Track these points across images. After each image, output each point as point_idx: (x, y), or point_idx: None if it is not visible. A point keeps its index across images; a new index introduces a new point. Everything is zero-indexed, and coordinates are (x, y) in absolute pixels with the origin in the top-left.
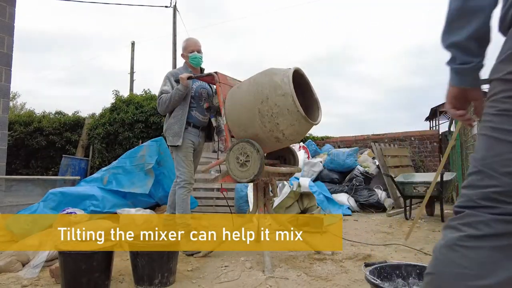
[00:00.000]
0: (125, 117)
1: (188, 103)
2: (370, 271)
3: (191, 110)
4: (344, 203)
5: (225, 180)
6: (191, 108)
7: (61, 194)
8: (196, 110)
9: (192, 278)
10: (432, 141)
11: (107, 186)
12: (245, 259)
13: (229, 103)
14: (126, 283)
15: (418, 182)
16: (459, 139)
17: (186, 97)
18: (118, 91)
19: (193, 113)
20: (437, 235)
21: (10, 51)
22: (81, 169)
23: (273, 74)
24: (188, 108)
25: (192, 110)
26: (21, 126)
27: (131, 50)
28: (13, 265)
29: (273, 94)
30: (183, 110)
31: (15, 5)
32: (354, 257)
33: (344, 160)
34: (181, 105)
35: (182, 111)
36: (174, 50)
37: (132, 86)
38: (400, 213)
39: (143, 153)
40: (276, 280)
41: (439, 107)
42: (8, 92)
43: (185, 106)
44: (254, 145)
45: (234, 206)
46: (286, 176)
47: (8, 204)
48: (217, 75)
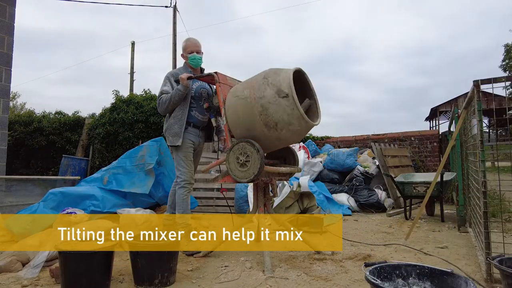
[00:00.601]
0: (125, 117)
1: (188, 103)
2: (370, 271)
3: (191, 110)
4: (344, 203)
5: (225, 180)
6: (191, 108)
7: (61, 194)
8: (196, 110)
9: (192, 278)
10: (432, 141)
11: (107, 186)
12: (245, 259)
13: (229, 103)
14: (126, 283)
15: (418, 182)
16: (459, 139)
17: (186, 97)
18: (118, 91)
19: (193, 113)
20: (437, 235)
21: (10, 51)
22: (81, 169)
23: (274, 74)
24: (188, 108)
25: (192, 110)
26: (21, 126)
27: (131, 50)
28: (13, 265)
29: (273, 94)
30: (183, 110)
31: (15, 5)
32: (354, 257)
33: (344, 160)
34: (181, 105)
35: (182, 111)
36: (174, 50)
37: (132, 86)
38: (400, 213)
39: (143, 153)
40: (276, 280)
41: (439, 107)
42: (8, 92)
43: (185, 107)
44: (254, 145)
45: (234, 206)
46: (286, 176)
47: (8, 204)
48: (217, 75)
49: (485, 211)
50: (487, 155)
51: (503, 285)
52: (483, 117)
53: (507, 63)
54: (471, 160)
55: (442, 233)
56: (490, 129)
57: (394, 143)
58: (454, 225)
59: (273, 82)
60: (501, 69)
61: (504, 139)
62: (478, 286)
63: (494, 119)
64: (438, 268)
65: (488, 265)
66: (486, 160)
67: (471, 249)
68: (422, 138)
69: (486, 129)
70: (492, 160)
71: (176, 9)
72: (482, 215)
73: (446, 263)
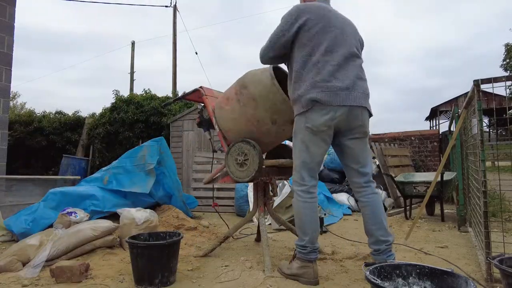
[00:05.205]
0: (125, 117)
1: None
2: (370, 271)
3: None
4: (344, 202)
5: (225, 180)
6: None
7: (61, 194)
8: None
9: (192, 277)
10: (432, 141)
11: (108, 186)
12: (245, 258)
13: (217, 111)
14: (126, 282)
15: (418, 181)
16: (459, 139)
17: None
18: (118, 91)
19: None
20: (437, 235)
21: (10, 51)
22: (81, 169)
23: (252, 70)
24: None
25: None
26: (21, 126)
27: (131, 50)
28: (14, 264)
29: (251, 81)
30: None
31: (15, 5)
32: (354, 256)
33: None
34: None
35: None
36: (174, 50)
37: (132, 86)
38: (400, 213)
39: (144, 154)
40: (276, 280)
41: (439, 106)
42: (8, 92)
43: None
44: (250, 142)
45: (234, 206)
46: (286, 175)
47: (8, 204)
48: (202, 89)
49: (485, 210)
50: (487, 154)
51: (503, 285)
52: (483, 117)
53: (507, 62)
54: (471, 160)
55: (442, 233)
56: (490, 129)
57: (394, 143)
58: (454, 225)
59: (251, 72)
60: (502, 68)
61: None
62: (478, 285)
63: (494, 118)
64: (438, 267)
65: (488, 264)
66: (486, 159)
67: (471, 248)
68: (422, 138)
69: (486, 128)
70: (492, 159)
71: (176, 9)
72: (482, 214)
73: (446, 262)
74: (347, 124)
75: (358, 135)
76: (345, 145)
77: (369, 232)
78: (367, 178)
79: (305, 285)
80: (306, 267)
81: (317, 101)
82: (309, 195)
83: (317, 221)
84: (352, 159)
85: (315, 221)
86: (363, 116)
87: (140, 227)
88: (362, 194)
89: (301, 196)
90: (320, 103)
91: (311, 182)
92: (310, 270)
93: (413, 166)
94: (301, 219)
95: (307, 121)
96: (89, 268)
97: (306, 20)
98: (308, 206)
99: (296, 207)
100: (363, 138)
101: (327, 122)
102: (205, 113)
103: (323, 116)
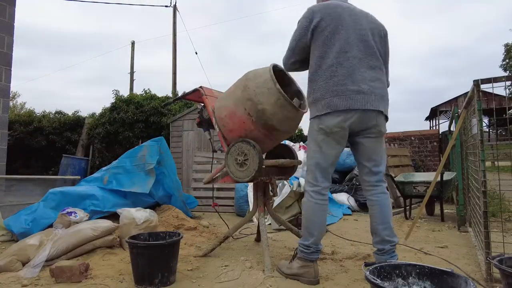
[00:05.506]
0: (125, 116)
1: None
2: (370, 271)
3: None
4: (344, 202)
5: (225, 180)
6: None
7: (61, 194)
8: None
9: (192, 277)
10: (432, 141)
11: (107, 186)
12: (245, 258)
13: (217, 111)
14: (126, 282)
15: (418, 181)
16: (459, 139)
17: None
18: (118, 91)
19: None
20: (437, 235)
21: (10, 50)
22: (81, 168)
23: (253, 70)
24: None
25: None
26: (21, 126)
27: (131, 49)
28: (13, 264)
29: (253, 82)
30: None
31: (15, 4)
32: (354, 256)
33: (344, 159)
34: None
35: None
36: (174, 50)
37: (132, 86)
38: (400, 213)
39: (144, 154)
40: (276, 280)
41: (439, 106)
42: (8, 92)
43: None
44: (249, 142)
45: (234, 206)
46: (286, 175)
47: (8, 204)
48: (202, 89)
49: (485, 210)
50: (487, 154)
51: (503, 285)
52: (483, 117)
53: (507, 62)
54: (471, 160)
55: (442, 233)
56: (490, 129)
57: (394, 143)
58: (454, 225)
59: (252, 72)
60: (502, 68)
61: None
62: (478, 285)
63: (494, 118)
64: (438, 267)
65: (488, 264)
66: (486, 159)
67: (471, 248)
68: (422, 138)
69: (486, 128)
70: (492, 159)
71: (176, 9)
72: (482, 214)
73: (446, 262)
74: (360, 126)
75: (372, 135)
76: (358, 143)
77: (375, 231)
78: (378, 177)
79: (305, 285)
80: (307, 267)
81: (331, 106)
82: (321, 196)
83: (325, 224)
84: (365, 157)
85: (323, 223)
86: (378, 120)
87: (140, 227)
88: (372, 193)
89: (313, 197)
90: (334, 108)
91: (324, 183)
92: (311, 269)
93: (413, 166)
94: (310, 220)
95: (320, 123)
96: (89, 268)
97: (319, 21)
98: (319, 208)
99: (306, 207)
100: (378, 137)
101: (340, 123)
102: (205, 113)
103: (336, 118)
